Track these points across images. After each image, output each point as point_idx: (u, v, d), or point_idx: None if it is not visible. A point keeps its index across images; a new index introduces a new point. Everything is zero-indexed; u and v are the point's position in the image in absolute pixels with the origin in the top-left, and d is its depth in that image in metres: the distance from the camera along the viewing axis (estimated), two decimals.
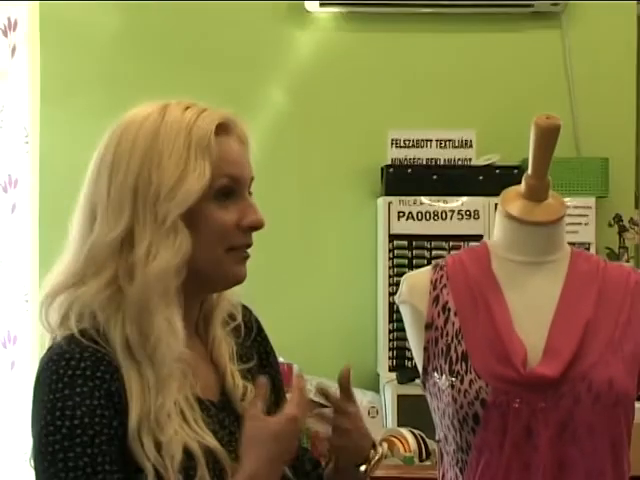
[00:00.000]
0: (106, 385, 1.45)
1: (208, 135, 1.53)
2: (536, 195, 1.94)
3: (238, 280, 1.57)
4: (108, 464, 1.43)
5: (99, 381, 1.45)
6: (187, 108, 1.55)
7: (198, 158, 1.51)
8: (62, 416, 1.42)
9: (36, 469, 1.45)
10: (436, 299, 1.94)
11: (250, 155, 1.60)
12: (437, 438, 1.96)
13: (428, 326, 1.94)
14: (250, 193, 1.58)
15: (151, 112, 1.55)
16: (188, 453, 1.46)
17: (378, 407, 3.62)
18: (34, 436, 1.45)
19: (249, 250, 1.58)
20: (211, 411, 1.54)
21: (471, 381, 1.86)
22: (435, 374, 1.91)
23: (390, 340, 4.34)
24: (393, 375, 4.24)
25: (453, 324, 1.92)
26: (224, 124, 1.55)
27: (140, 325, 1.48)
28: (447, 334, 1.91)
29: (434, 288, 1.95)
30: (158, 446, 1.44)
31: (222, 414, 1.56)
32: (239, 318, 1.65)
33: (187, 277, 1.52)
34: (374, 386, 4.41)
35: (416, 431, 3.22)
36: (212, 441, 1.49)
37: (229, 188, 1.54)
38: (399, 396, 4.13)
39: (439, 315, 1.93)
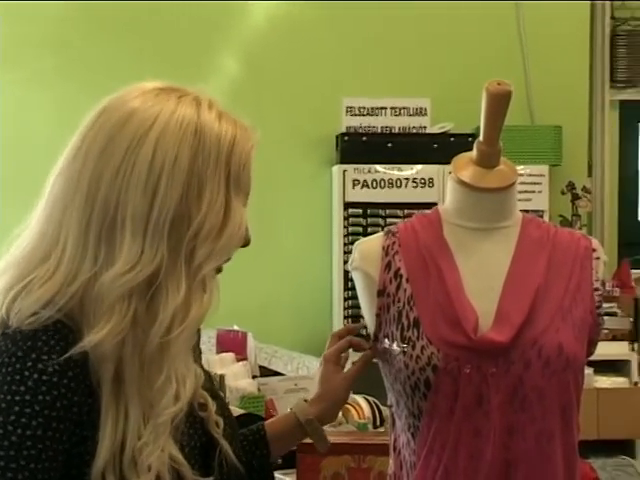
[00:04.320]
0: (70, 394, 1.37)
1: (244, 170, 1.46)
2: (487, 161, 1.95)
3: None
4: None
5: (64, 389, 1.36)
6: (220, 116, 1.44)
7: (234, 197, 1.44)
8: (16, 422, 1.34)
9: None
10: (388, 265, 1.94)
11: None
12: (389, 403, 1.97)
13: (380, 293, 1.94)
14: None
15: (188, 115, 1.42)
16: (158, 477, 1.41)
17: None
18: None
19: None
20: None
21: (422, 347, 1.86)
22: (386, 340, 1.92)
23: (345, 308, 4.35)
24: None
25: (405, 290, 1.92)
26: None
27: (149, 362, 1.39)
28: (399, 300, 1.91)
29: (386, 254, 1.95)
30: None
31: None
32: None
33: None
34: None
35: (370, 398, 3.23)
36: (177, 455, 1.43)
37: None
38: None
39: (391, 281, 1.93)
